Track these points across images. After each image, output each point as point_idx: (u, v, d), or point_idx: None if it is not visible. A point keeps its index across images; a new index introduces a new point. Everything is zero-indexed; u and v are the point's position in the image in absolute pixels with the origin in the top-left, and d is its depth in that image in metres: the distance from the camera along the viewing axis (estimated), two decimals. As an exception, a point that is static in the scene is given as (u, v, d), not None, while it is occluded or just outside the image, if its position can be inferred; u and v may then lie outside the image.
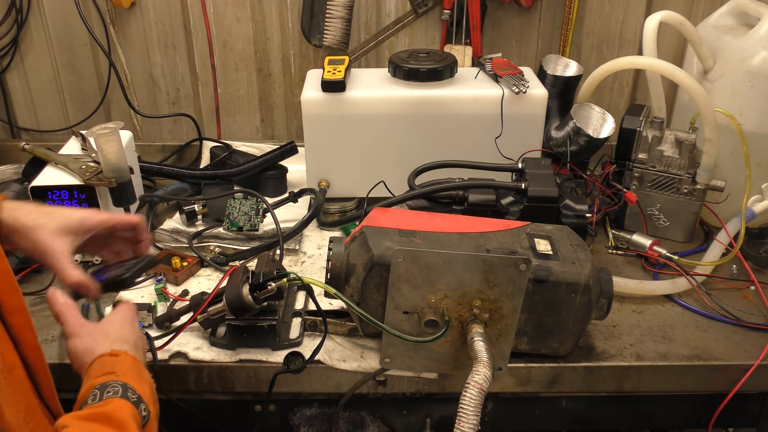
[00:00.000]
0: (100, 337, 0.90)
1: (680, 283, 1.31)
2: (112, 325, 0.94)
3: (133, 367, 0.86)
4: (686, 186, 1.43)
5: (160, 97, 1.92)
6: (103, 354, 0.87)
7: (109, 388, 0.79)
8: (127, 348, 0.89)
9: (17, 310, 0.74)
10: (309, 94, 1.47)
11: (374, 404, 1.22)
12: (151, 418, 0.82)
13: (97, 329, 0.92)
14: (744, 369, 1.15)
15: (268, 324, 1.12)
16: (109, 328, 0.93)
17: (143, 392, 0.82)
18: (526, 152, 1.43)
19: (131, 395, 0.80)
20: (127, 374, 0.83)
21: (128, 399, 0.79)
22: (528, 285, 1.03)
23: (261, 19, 1.82)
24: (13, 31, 1.81)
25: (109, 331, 0.92)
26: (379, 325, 1.03)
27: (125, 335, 0.92)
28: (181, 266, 1.33)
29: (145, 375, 0.88)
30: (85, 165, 1.38)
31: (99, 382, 0.80)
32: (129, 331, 0.94)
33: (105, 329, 0.92)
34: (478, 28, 1.75)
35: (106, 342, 0.89)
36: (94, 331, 0.91)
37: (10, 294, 0.74)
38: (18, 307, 0.74)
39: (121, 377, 0.82)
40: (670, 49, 1.83)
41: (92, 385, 0.80)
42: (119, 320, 0.96)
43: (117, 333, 0.92)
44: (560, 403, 1.23)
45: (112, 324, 0.94)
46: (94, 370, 0.84)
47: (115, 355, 0.87)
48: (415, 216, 1.18)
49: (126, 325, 0.95)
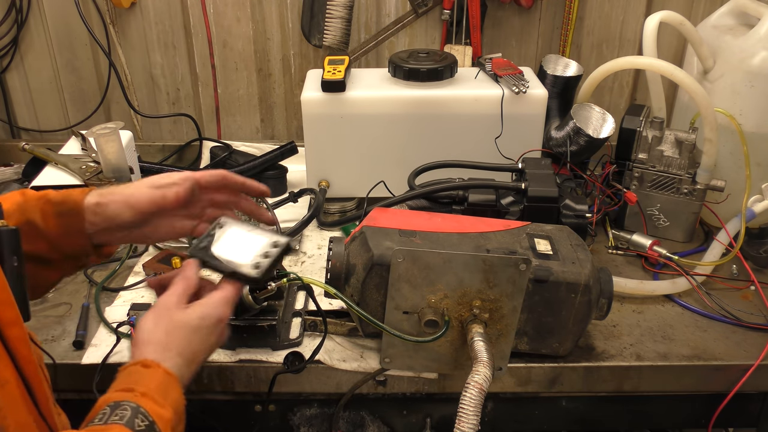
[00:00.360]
0: (152, 335, 0.83)
1: (680, 283, 1.31)
2: (178, 324, 0.84)
3: (159, 385, 0.78)
4: (686, 186, 1.43)
5: (160, 97, 1.92)
6: (136, 362, 0.80)
7: (119, 409, 0.74)
8: (167, 358, 0.81)
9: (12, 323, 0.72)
10: (309, 94, 1.47)
11: (374, 404, 1.22)
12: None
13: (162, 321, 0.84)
14: (744, 369, 1.15)
15: (268, 324, 1.12)
16: (171, 327, 0.84)
17: (160, 416, 0.75)
18: (526, 152, 1.43)
19: (140, 422, 0.74)
20: (147, 394, 0.76)
21: (134, 427, 0.73)
22: (528, 285, 1.03)
23: (261, 19, 1.82)
24: (13, 31, 1.81)
25: (167, 331, 0.83)
26: (379, 325, 1.03)
27: (177, 341, 0.83)
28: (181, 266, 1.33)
29: (173, 394, 0.79)
30: (85, 165, 1.38)
31: (113, 399, 0.75)
32: (185, 336, 0.84)
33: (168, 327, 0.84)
34: (478, 28, 1.75)
35: (149, 346, 0.82)
36: (157, 327, 0.83)
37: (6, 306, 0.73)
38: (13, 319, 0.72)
39: (139, 398, 0.75)
40: (670, 49, 1.83)
41: (108, 399, 0.76)
42: (197, 317, 0.86)
43: (171, 337, 0.83)
44: (560, 403, 1.23)
45: (182, 321, 0.85)
46: (120, 378, 0.79)
47: (146, 367, 0.80)
48: (415, 216, 1.18)
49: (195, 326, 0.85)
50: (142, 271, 1.35)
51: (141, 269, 1.36)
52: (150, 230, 0.96)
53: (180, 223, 0.99)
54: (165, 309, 0.86)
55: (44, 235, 0.89)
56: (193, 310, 0.86)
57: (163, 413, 0.76)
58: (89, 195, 0.92)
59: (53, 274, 0.94)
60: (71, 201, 0.91)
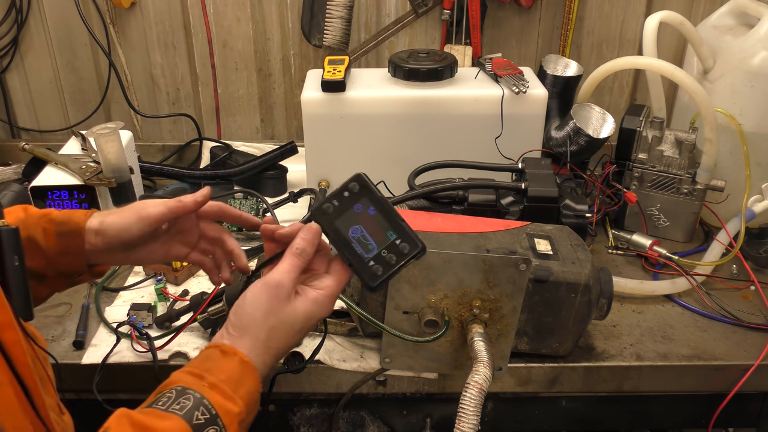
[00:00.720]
0: (256, 327, 0.78)
1: (680, 283, 1.31)
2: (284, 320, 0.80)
3: (232, 375, 0.75)
4: (686, 186, 1.43)
5: (160, 97, 1.92)
6: (217, 345, 0.78)
7: (183, 397, 0.72)
8: (258, 354, 0.78)
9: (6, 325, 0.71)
10: (309, 94, 1.47)
11: (374, 404, 1.22)
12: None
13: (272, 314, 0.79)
14: (744, 369, 1.15)
15: (268, 324, 1.12)
16: (276, 323, 0.79)
17: (226, 410, 0.73)
18: (526, 152, 1.43)
19: (200, 415, 0.71)
20: (218, 385, 0.74)
21: (191, 420, 0.70)
22: (528, 285, 1.03)
23: (261, 19, 1.82)
24: (13, 31, 1.81)
25: (272, 327, 0.79)
26: (379, 325, 1.03)
27: (277, 338, 0.79)
28: (181, 266, 1.33)
29: (247, 385, 0.76)
30: (85, 165, 1.38)
31: (182, 383, 0.74)
32: (286, 334, 0.80)
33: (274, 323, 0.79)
34: (478, 28, 1.75)
35: (246, 337, 0.78)
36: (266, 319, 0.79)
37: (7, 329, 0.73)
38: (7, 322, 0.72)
39: (206, 389, 0.73)
40: (670, 49, 1.83)
41: (179, 380, 0.74)
42: (304, 317, 0.81)
43: (273, 334, 0.79)
44: (560, 403, 1.23)
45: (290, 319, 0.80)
46: (197, 359, 0.77)
47: (225, 353, 0.77)
48: (415, 216, 1.18)
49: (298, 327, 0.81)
50: (142, 271, 1.35)
51: (141, 269, 1.36)
52: (146, 253, 0.97)
53: (175, 249, 0.99)
54: (277, 297, 0.80)
55: (43, 253, 0.90)
56: (303, 306, 0.81)
57: (231, 407, 0.74)
58: (91, 217, 0.94)
59: (45, 290, 0.95)
60: (73, 222, 0.93)
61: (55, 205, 1.35)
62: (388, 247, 0.81)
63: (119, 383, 1.14)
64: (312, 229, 0.84)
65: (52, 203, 1.35)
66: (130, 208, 0.95)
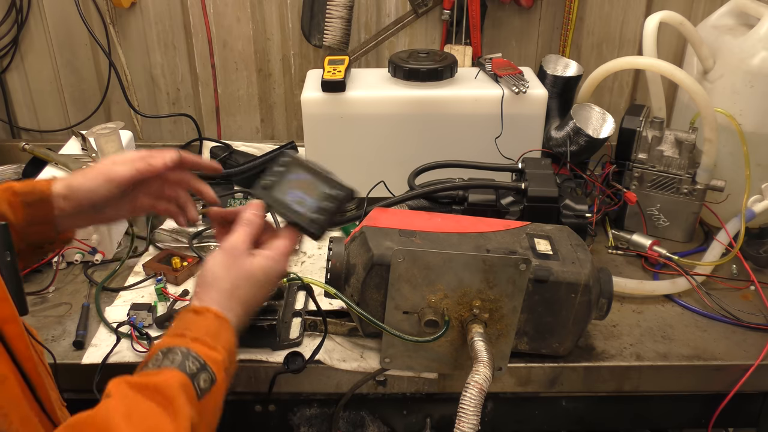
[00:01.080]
0: (219, 283, 0.85)
1: (680, 283, 1.31)
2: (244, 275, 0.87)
3: (210, 330, 0.81)
4: (686, 186, 1.43)
5: (160, 97, 1.92)
6: (188, 309, 0.84)
7: (171, 354, 0.77)
8: (229, 308, 0.84)
9: (9, 319, 0.73)
10: (309, 94, 1.47)
11: (374, 404, 1.22)
12: (217, 384, 0.78)
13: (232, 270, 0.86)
14: (744, 369, 1.15)
15: (268, 324, 1.12)
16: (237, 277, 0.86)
17: (212, 359, 0.78)
18: (526, 152, 1.43)
19: (191, 364, 0.76)
20: (198, 338, 0.79)
21: (185, 369, 0.75)
22: (528, 285, 1.03)
23: (261, 19, 1.82)
24: (13, 31, 1.81)
25: (233, 280, 0.86)
26: (379, 325, 1.03)
27: (241, 292, 0.86)
28: (181, 266, 1.33)
29: (225, 336, 0.82)
30: (86, 165, 1.38)
31: (166, 345, 0.78)
32: (250, 289, 0.87)
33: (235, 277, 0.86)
34: (478, 28, 1.75)
35: (212, 293, 0.85)
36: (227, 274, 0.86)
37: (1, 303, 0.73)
38: (10, 316, 0.73)
39: (190, 342, 0.78)
40: (670, 49, 1.83)
41: (161, 344, 0.78)
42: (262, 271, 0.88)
43: (236, 287, 0.86)
44: (560, 403, 1.23)
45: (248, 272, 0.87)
46: (174, 324, 0.82)
47: (197, 313, 0.83)
48: (415, 216, 1.18)
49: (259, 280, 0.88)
50: (142, 271, 1.35)
51: (141, 269, 1.36)
52: (113, 210, 0.98)
53: (141, 201, 1.01)
54: (233, 256, 0.88)
55: (13, 226, 0.89)
56: (259, 262, 0.89)
57: (215, 355, 0.79)
58: (55, 183, 0.94)
59: None
60: (38, 190, 0.92)
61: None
62: (324, 197, 0.95)
63: (119, 383, 1.14)
64: (256, 203, 0.94)
65: (52, 203, 1.34)
66: (96, 169, 0.95)
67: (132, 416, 0.69)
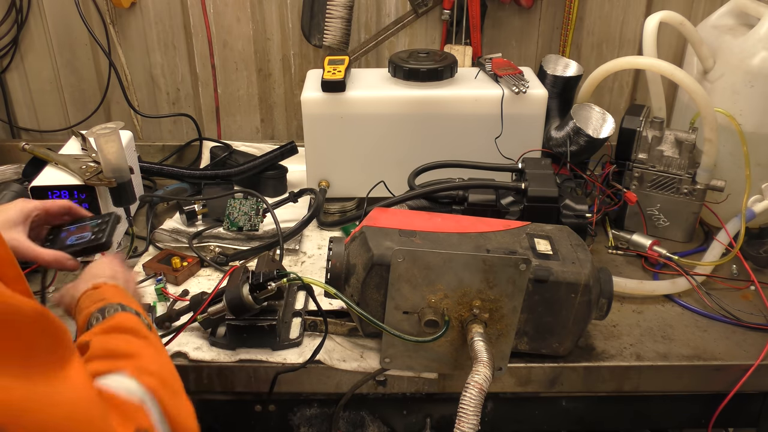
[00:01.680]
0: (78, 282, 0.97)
1: (680, 283, 1.31)
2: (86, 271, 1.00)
3: (118, 292, 0.91)
4: (686, 186, 1.43)
5: (160, 97, 1.92)
6: (86, 290, 0.93)
7: (106, 309, 0.85)
8: (104, 280, 0.95)
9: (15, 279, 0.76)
10: (309, 94, 1.47)
11: (374, 404, 1.22)
12: (152, 327, 0.88)
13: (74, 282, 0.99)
14: (744, 369, 1.15)
15: (268, 324, 1.12)
16: (83, 275, 0.99)
17: (138, 308, 0.88)
18: (526, 152, 1.43)
19: (130, 310, 0.86)
20: (116, 297, 0.89)
21: (130, 312, 0.85)
22: (528, 285, 1.03)
23: (261, 19, 1.82)
24: (13, 31, 1.81)
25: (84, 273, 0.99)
26: (379, 325, 1.03)
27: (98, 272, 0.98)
28: (181, 266, 1.33)
29: (131, 297, 0.93)
30: (85, 165, 1.38)
31: (95, 308, 0.85)
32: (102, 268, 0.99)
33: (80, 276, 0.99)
34: (478, 28, 1.75)
35: (82, 283, 0.96)
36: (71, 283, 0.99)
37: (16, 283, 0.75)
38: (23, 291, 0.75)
39: (113, 299, 0.87)
40: (670, 49, 1.83)
41: (89, 313, 0.85)
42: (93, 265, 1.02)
43: (91, 272, 0.98)
44: (560, 403, 1.23)
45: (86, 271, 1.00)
46: (83, 303, 0.90)
47: (97, 288, 0.92)
48: (415, 216, 1.18)
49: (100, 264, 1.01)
50: (142, 271, 1.35)
51: (141, 269, 1.36)
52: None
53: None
54: None
55: None
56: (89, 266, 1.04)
57: (138, 306, 0.90)
58: None
59: None
60: None
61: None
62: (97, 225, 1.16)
63: (119, 383, 1.14)
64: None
65: (52, 203, 1.34)
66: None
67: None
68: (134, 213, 1.52)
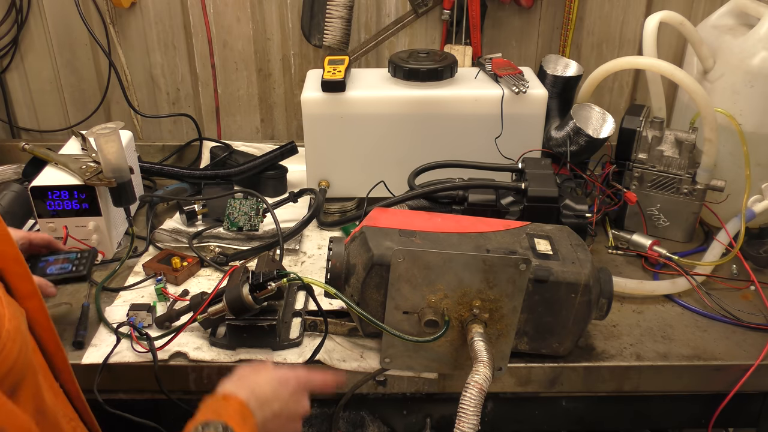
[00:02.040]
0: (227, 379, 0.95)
1: (680, 283, 1.31)
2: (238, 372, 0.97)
3: (238, 412, 0.89)
4: (686, 186, 1.43)
5: (160, 97, 1.92)
6: (217, 395, 0.91)
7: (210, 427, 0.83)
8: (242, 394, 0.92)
9: (30, 295, 0.77)
10: (309, 94, 1.47)
11: (374, 404, 1.22)
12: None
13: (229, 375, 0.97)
14: (744, 369, 1.15)
15: (268, 324, 1.12)
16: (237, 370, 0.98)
17: None
18: (526, 152, 1.43)
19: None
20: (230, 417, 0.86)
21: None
22: (528, 285, 1.03)
23: (261, 19, 1.82)
24: (13, 31, 1.81)
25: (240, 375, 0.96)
26: (379, 325, 1.03)
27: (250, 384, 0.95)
28: (181, 266, 1.33)
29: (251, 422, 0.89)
30: (85, 165, 1.38)
31: (202, 420, 0.84)
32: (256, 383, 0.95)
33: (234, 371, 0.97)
34: (478, 28, 1.75)
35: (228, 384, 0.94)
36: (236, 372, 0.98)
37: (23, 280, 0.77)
38: (31, 292, 0.77)
39: (224, 418, 0.85)
40: (670, 49, 1.83)
41: (198, 421, 0.84)
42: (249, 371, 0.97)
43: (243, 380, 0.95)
44: (560, 403, 1.23)
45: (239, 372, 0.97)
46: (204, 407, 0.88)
47: (225, 399, 0.91)
48: (415, 216, 1.18)
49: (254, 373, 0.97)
50: (142, 271, 1.36)
51: (141, 269, 1.36)
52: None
53: None
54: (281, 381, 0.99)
55: None
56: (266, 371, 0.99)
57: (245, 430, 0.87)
58: None
59: None
60: None
61: (56, 204, 1.35)
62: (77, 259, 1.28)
63: (119, 383, 1.14)
64: None
65: (52, 203, 1.34)
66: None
67: None
68: (134, 213, 1.52)
